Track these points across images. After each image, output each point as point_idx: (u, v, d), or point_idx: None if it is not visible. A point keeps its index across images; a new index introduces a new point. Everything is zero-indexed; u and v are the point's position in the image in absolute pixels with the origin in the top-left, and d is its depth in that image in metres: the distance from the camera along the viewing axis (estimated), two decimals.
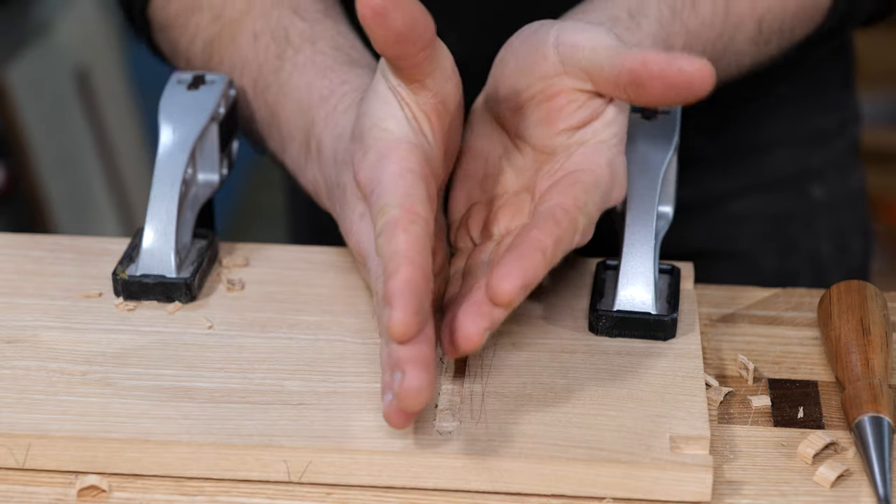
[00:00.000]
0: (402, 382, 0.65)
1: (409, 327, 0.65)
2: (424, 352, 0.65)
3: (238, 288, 0.83)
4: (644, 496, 0.68)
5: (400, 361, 0.65)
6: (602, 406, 0.72)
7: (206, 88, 0.86)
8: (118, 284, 0.81)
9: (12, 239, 0.89)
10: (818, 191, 1.11)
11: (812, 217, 1.11)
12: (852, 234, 1.13)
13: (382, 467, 0.69)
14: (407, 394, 0.65)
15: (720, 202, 1.08)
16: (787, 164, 1.09)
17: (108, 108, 2.40)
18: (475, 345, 0.66)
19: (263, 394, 0.73)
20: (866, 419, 0.71)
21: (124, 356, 0.76)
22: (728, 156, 1.07)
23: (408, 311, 0.65)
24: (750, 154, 1.08)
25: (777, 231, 1.10)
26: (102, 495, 0.69)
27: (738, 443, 0.72)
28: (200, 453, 0.69)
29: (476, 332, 0.66)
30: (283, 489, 0.69)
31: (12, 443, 0.70)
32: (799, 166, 1.10)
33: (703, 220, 1.07)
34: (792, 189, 1.10)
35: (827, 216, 1.11)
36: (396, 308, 0.65)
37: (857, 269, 1.13)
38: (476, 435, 0.70)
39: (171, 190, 0.82)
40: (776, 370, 0.78)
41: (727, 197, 1.08)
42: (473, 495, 0.69)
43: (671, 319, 0.78)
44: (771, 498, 0.69)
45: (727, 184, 1.08)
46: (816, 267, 1.11)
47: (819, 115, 1.10)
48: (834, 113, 1.12)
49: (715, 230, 1.08)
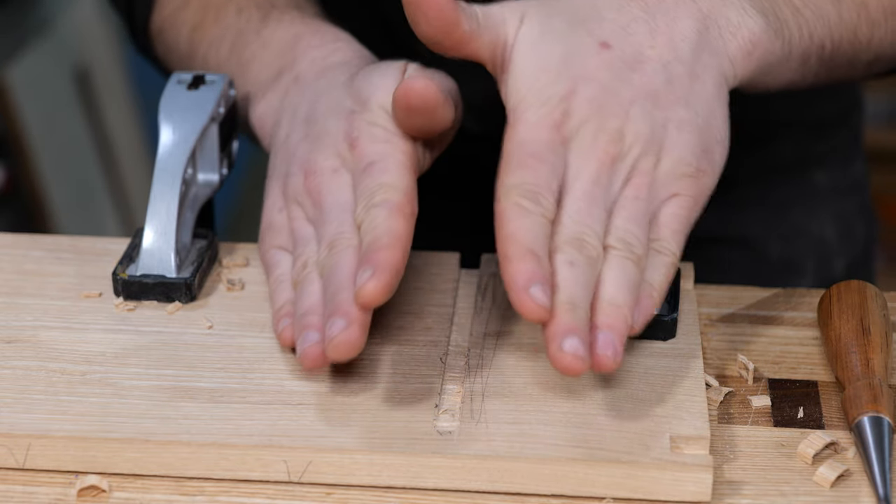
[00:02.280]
0: (344, 331, 0.69)
1: (378, 300, 0.69)
2: (368, 316, 0.70)
3: (238, 288, 0.83)
4: (644, 496, 0.68)
5: (348, 313, 0.69)
6: (602, 406, 0.72)
7: (205, 88, 0.86)
8: (118, 284, 0.81)
9: (12, 239, 0.89)
10: (821, 177, 1.11)
11: (815, 203, 1.11)
12: (855, 219, 1.14)
13: (382, 467, 0.69)
14: (343, 345, 0.69)
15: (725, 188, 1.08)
16: (790, 150, 1.09)
17: (108, 108, 2.40)
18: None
19: (263, 394, 0.73)
20: (866, 419, 0.71)
21: (124, 356, 0.76)
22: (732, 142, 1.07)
23: (386, 286, 0.69)
24: (754, 141, 1.08)
25: (781, 217, 1.10)
26: (102, 495, 0.69)
27: (738, 443, 0.72)
28: (200, 453, 0.69)
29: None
30: (283, 489, 0.69)
31: (12, 443, 0.70)
32: (802, 153, 1.10)
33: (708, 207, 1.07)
34: (795, 175, 1.10)
35: (830, 202, 1.12)
36: (379, 279, 0.69)
37: (860, 255, 1.14)
38: (476, 435, 0.70)
39: (171, 190, 0.82)
40: (776, 370, 0.78)
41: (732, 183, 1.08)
42: (473, 495, 0.69)
43: (671, 319, 0.78)
44: (771, 498, 0.69)
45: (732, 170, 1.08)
46: (821, 252, 1.11)
47: (823, 103, 1.10)
48: (837, 100, 1.12)
49: (720, 216, 1.08)
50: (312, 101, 0.80)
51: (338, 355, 0.69)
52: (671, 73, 0.73)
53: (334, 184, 0.76)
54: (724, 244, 1.09)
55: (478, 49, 0.73)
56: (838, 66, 0.85)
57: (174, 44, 0.96)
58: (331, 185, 0.76)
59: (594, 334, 0.68)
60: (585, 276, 0.69)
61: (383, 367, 0.75)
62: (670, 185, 0.72)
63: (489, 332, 0.78)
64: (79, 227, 2.24)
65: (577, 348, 0.66)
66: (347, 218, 0.74)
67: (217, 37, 0.91)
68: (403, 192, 0.73)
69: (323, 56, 0.84)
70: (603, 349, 0.68)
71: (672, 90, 0.73)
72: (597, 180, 0.71)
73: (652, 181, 0.72)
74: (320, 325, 0.71)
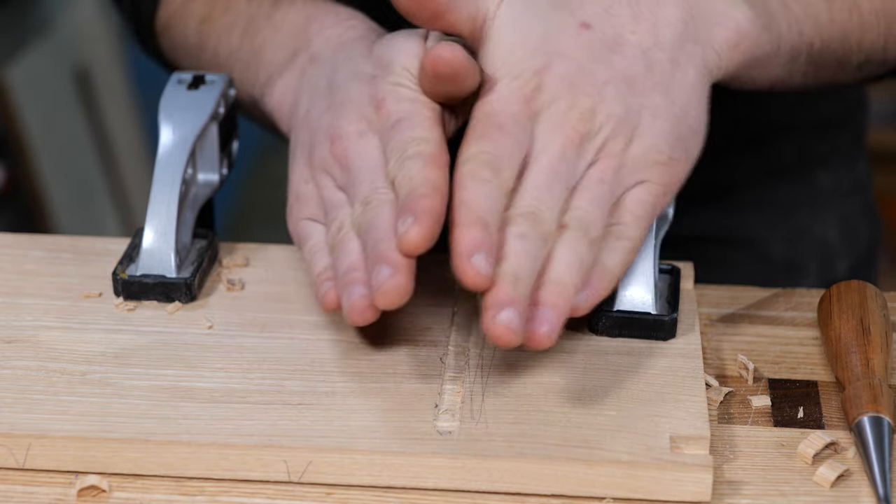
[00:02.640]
0: (388, 277, 0.68)
1: (421, 247, 0.67)
2: (413, 264, 0.69)
3: (238, 288, 0.83)
4: (644, 496, 0.68)
5: (392, 261, 0.68)
6: (602, 406, 0.72)
7: (206, 88, 0.86)
8: (118, 284, 0.81)
9: (12, 239, 0.89)
10: (825, 178, 1.11)
11: (819, 204, 1.11)
12: (858, 220, 1.14)
13: (382, 467, 0.69)
14: (392, 291, 0.68)
15: (728, 190, 1.08)
16: (793, 151, 1.09)
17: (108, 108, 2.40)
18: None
19: (263, 394, 0.73)
20: (866, 419, 0.71)
21: (124, 356, 0.76)
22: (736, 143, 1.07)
23: (429, 232, 0.67)
24: (757, 142, 1.08)
25: (784, 218, 1.10)
26: (102, 495, 0.69)
27: (738, 443, 0.72)
28: (200, 453, 0.69)
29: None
30: (283, 489, 0.69)
31: (12, 443, 0.70)
32: (805, 154, 1.10)
33: (712, 208, 1.07)
34: (798, 176, 1.10)
35: (833, 203, 1.11)
36: (422, 224, 0.67)
37: (864, 256, 1.13)
38: (476, 435, 0.70)
39: (171, 190, 0.82)
40: (776, 370, 0.78)
41: (735, 184, 1.08)
42: (473, 495, 0.69)
43: (671, 319, 0.78)
44: (771, 498, 0.69)
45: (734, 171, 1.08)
46: (824, 254, 1.11)
47: (826, 103, 1.10)
48: (841, 100, 1.12)
49: (724, 217, 1.08)
50: (332, 74, 0.79)
51: (387, 303, 0.68)
52: (651, 58, 0.73)
53: (361, 146, 0.74)
54: (727, 245, 1.09)
55: (456, 21, 0.73)
56: (827, 66, 0.84)
57: (182, 38, 0.95)
58: (358, 147, 0.75)
59: (534, 310, 0.68)
60: (535, 250, 0.68)
61: (383, 367, 0.75)
62: (640, 171, 0.72)
63: None
64: (79, 227, 2.24)
65: (512, 320, 0.66)
66: (379, 176, 0.73)
67: (227, 25, 0.91)
68: (436, 144, 0.72)
69: (338, 34, 0.83)
70: (538, 325, 0.67)
71: (650, 76, 0.73)
72: (562, 156, 0.70)
73: (620, 165, 0.72)
74: (364, 280, 0.70)
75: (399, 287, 0.68)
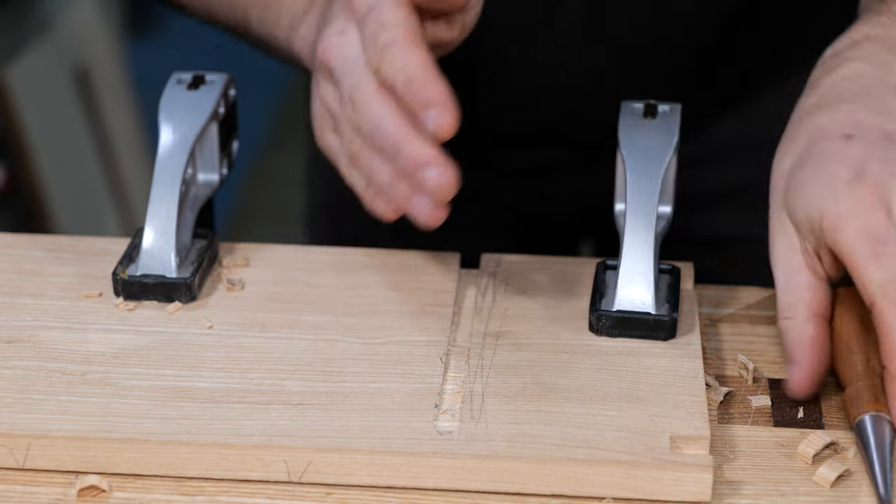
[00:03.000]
0: (438, 176, 0.71)
1: (453, 130, 0.70)
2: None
3: (238, 288, 0.83)
4: (644, 496, 0.68)
5: (431, 160, 0.71)
6: (602, 406, 0.72)
7: (206, 88, 0.86)
8: (118, 284, 0.81)
9: (12, 239, 0.89)
10: None
11: None
12: None
13: (382, 467, 0.69)
14: (447, 186, 0.71)
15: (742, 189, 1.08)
16: None
17: (108, 108, 2.40)
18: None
19: (263, 394, 0.73)
20: (867, 418, 0.71)
21: (124, 356, 0.76)
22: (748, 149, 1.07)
23: (454, 114, 0.70)
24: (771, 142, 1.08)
25: None
26: (102, 495, 0.69)
27: (738, 443, 0.72)
28: (200, 453, 0.69)
29: None
30: (283, 489, 0.69)
31: (12, 443, 0.70)
32: None
33: (725, 207, 1.07)
34: None
35: None
36: (446, 111, 0.70)
37: None
38: (476, 435, 0.70)
39: (171, 190, 0.82)
40: (776, 370, 0.78)
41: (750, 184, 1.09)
42: (473, 495, 0.69)
43: (671, 319, 0.78)
44: (771, 498, 0.69)
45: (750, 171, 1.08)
46: None
47: None
48: None
49: (738, 216, 1.08)
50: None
51: (447, 194, 0.71)
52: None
53: (340, 43, 0.76)
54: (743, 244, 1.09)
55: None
56: None
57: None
58: (337, 46, 0.76)
59: None
60: None
61: (383, 367, 0.75)
62: None
63: (489, 332, 0.78)
64: (79, 227, 2.24)
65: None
66: (358, 66, 0.74)
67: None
68: (404, 26, 0.72)
69: None
70: None
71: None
72: None
73: None
74: (412, 190, 0.72)
75: (451, 178, 0.71)
